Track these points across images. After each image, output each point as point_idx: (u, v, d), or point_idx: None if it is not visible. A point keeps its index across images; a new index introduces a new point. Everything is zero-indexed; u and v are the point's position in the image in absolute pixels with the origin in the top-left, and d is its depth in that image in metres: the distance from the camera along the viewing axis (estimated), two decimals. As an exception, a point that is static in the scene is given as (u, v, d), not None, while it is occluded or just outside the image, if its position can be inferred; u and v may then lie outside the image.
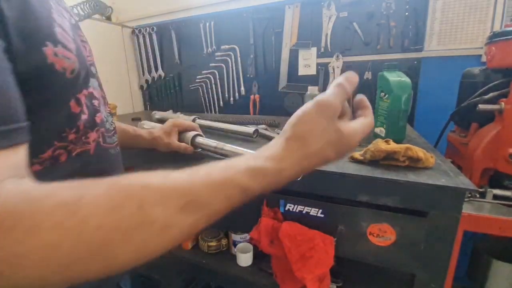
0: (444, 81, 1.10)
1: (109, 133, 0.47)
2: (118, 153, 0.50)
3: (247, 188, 0.28)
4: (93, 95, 0.43)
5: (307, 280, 0.58)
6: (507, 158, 0.68)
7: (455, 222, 0.51)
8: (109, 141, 0.46)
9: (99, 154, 0.43)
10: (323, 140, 0.31)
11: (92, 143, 0.41)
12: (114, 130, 0.50)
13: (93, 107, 0.42)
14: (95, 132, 0.42)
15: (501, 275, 0.80)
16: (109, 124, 0.49)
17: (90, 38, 0.50)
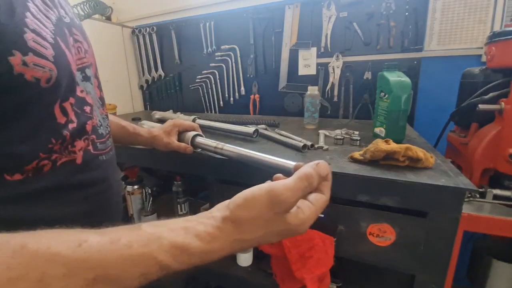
0: (444, 81, 1.10)
1: (102, 139, 0.45)
2: (111, 158, 0.48)
3: (167, 267, 0.26)
4: (84, 101, 0.41)
5: (307, 280, 0.58)
6: (507, 158, 0.68)
7: (455, 222, 0.51)
8: (101, 148, 0.45)
9: (88, 163, 0.41)
10: (263, 230, 0.29)
11: (79, 152, 0.39)
12: (108, 134, 0.48)
13: (84, 114, 0.40)
14: (83, 140, 0.40)
15: (501, 275, 0.80)
16: (104, 129, 0.47)
17: (90, 38, 0.48)
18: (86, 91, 0.42)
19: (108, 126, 0.49)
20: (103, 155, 0.45)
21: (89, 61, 0.45)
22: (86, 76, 0.43)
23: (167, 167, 0.81)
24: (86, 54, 0.44)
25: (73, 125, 0.38)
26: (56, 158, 0.36)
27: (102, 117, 0.47)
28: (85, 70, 0.43)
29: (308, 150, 0.72)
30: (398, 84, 0.73)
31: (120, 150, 0.86)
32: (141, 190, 1.07)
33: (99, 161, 0.44)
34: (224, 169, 0.71)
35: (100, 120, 0.46)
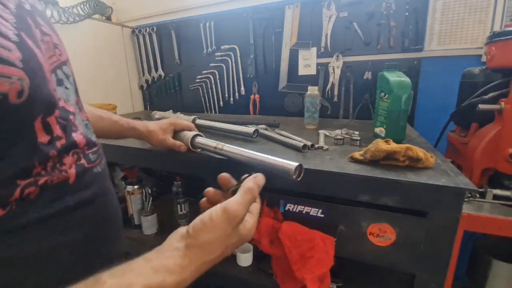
0: (444, 81, 1.10)
1: (94, 147, 0.40)
2: (104, 167, 0.43)
3: None
4: (66, 110, 0.34)
5: (307, 280, 0.58)
6: (507, 158, 0.68)
7: (455, 222, 0.51)
8: (93, 158, 0.39)
9: (83, 179, 0.36)
10: (224, 246, 0.33)
11: (71, 169, 0.34)
12: (94, 144, 0.41)
13: (70, 126, 0.34)
14: (72, 155, 0.34)
15: (501, 275, 0.80)
16: (92, 136, 0.41)
17: (90, 38, 0.46)
18: (64, 98, 0.35)
19: (93, 134, 0.43)
20: (97, 166, 0.40)
21: (63, 57, 0.37)
22: (60, 79, 0.35)
23: (167, 168, 0.81)
24: (57, 50, 0.35)
25: (61, 142, 0.32)
26: (45, 182, 0.30)
27: (85, 124, 0.41)
28: (58, 71, 0.35)
29: (308, 150, 0.72)
30: (398, 84, 0.73)
31: (120, 150, 0.86)
32: (141, 190, 1.07)
33: (94, 174, 0.38)
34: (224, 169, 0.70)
35: (84, 128, 0.39)
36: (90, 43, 1.41)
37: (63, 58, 0.37)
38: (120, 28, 1.59)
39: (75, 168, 0.35)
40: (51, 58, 0.34)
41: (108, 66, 1.54)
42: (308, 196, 0.63)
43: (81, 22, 1.32)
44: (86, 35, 1.38)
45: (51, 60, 0.34)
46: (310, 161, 0.63)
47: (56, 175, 0.32)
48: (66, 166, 0.33)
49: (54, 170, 0.31)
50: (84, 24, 1.34)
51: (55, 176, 0.31)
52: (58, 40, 0.37)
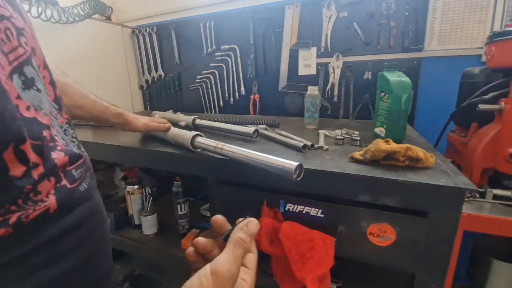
0: (444, 81, 1.10)
1: (78, 160, 0.33)
2: (90, 184, 0.36)
3: None
4: (39, 124, 0.27)
5: (307, 280, 0.58)
6: (507, 158, 0.68)
7: (455, 222, 0.51)
8: (77, 175, 0.32)
9: (67, 203, 0.30)
10: None
11: (48, 197, 0.27)
12: (78, 156, 0.34)
13: (46, 144, 0.28)
14: (48, 180, 0.28)
15: (501, 275, 0.80)
16: (74, 144, 0.35)
17: (90, 38, 0.44)
18: (35, 105, 0.27)
19: (74, 136, 0.37)
20: (83, 183, 0.34)
21: (28, 48, 0.28)
22: (29, 80, 0.27)
23: (167, 168, 0.81)
24: (22, 37, 0.27)
25: (38, 170, 0.26)
26: (18, 219, 0.25)
27: (64, 129, 0.34)
28: (27, 68, 0.27)
29: (308, 150, 0.72)
30: (398, 84, 0.73)
31: (120, 150, 0.86)
32: (141, 190, 1.07)
33: (79, 194, 0.32)
34: (224, 170, 0.71)
35: (64, 137, 0.33)
36: (90, 43, 1.41)
37: (29, 48, 0.28)
38: (120, 28, 1.59)
39: (55, 193, 0.28)
40: (14, 53, 0.26)
41: (108, 66, 1.54)
42: (308, 196, 0.64)
43: (81, 22, 1.32)
44: (86, 35, 1.38)
45: (14, 55, 0.26)
46: (310, 161, 0.63)
47: (31, 208, 0.26)
48: (42, 195, 0.27)
49: (27, 202, 0.25)
50: (84, 24, 1.34)
51: (30, 210, 0.26)
52: (23, 22, 0.27)
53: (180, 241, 0.96)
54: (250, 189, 0.70)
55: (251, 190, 0.70)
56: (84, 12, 1.35)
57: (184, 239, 0.97)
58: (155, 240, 1.04)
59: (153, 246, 1.01)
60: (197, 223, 1.06)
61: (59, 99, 0.34)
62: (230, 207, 0.75)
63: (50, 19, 1.16)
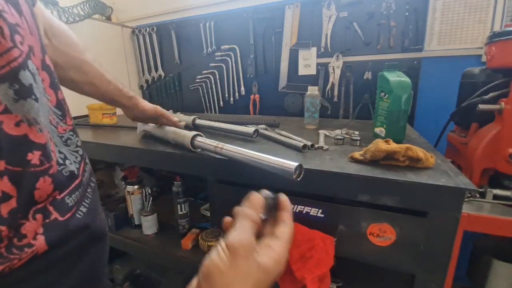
0: (444, 81, 1.10)
1: (74, 181, 0.29)
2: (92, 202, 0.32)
3: None
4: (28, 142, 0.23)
5: (307, 280, 0.58)
6: (507, 158, 0.68)
7: (455, 222, 0.51)
8: (71, 202, 0.28)
9: (60, 239, 0.26)
10: (249, 285, 0.26)
11: (36, 240, 0.23)
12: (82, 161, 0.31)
13: (29, 171, 0.23)
14: (32, 217, 0.23)
15: (501, 275, 0.80)
16: (73, 159, 0.30)
17: (90, 38, 0.45)
18: (29, 120, 0.23)
19: (79, 145, 0.32)
20: (81, 207, 0.30)
21: (24, 49, 0.23)
22: (26, 86, 0.22)
23: (167, 168, 0.81)
24: (16, 36, 0.22)
25: (9, 205, 0.21)
26: (3, 270, 0.22)
27: (66, 138, 0.30)
28: (23, 73, 0.22)
29: (308, 150, 0.72)
30: (398, 84, 0.73)
31: (120, 150, 0.86)
32: (141, 190, 1.07)
33: (78, 222, 0.29)
34: (224, 169, 0.71)
35: (62, 151, 0.28)
36: (90, 43, 1.41)
37: (26, 48, 0.23)
38: (120, 28, 1.59)
39: (44, 232, 0.24)
40: (6, 56, 0.21)
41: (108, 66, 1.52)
42: (308, 196, 0.63)
43: (81, 22, 1.32)
44: (86, 35, 1.38)
45: (5, 59, 0.21)
46: (310, 161, 0.63)
47: (16, 257, 0.22)
48: (29, 238, 0.23)
49: (11, 250, 0.22)
50: (84, 24, 1.34)
51: (15, 260, 0.22)
52: (18, 16, 0.23)
53: (180, 241, 0.96)
54: (250, 189, 0.69)
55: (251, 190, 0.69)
56: (84, 12, 1.35)
57: (184, 239, 0.97)
58: (155, 240, 1.04)
59: (153, 246, 1.01)
60: (197, 223, 1.06)
61: (62, 103, 0.30)
62: (230, 207, 0.74)
63: None
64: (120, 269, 1.32)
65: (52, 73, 0.29)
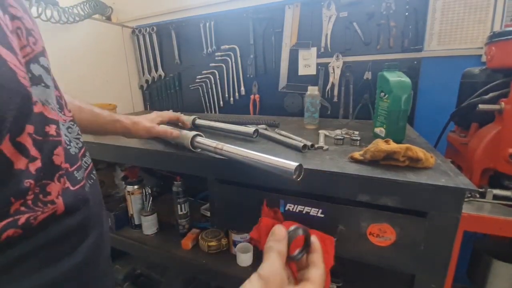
0: (444, 81, 1.10)
1: (77, 163, 0.33)
2: (92, 186, 0.36)
3: None
4: (44, 119, 0.27)
5: (307, 280, 0.58)
6: (507, 158, 0.68)
7: (455, 222, 0.51)
8: (79, 176, 0.32)
9: (72, 206, 0.30)
10: None
11: (58, 198, 0.28)
12: (82, 148, 0.36)
13: (48, 140, 0.27)
14: (57, 180, 0.28)
15: (501, 275, 0.80)
16: (75, 143, 0.34)
17: (90, 38, 0.44)
18: (42, 100, 0.27)
19: (79, 132, 0.37)
20: (87, 183, 0.34)
21: (39, 46, 0.28)
22: (37, 76, 0.27)
23: (167, 168, 0.81)
24: (31, 37, 0.27)
25: (36, 165, 0.25)
26: (26, 220, 0.25)
27: (67, 127, 0.34)
28: (34, 65, 0.27)
29: (308, 150, 0.72)
30: (398, 84, 0.73)
31: (120, 150, 0.86)
32: (141, 190, 1.07)
33: (84, 195, 0.33)
34: (224, 169, 0.71)
35: (67, 134, 0.33)
36: (90, 43, 1.41)
37: (39, 48, 0.28)
38: (120, 28, 1.59)
39: (62, 195, 0.28)
40: (24, 49, 0.26)
41: (108, 66, 1.54)
42: (308, 196, 0.63)
43: (81, 22, 1.32)
44: (86, 35, 1.38)
45: (24, 52, 0.26)
46: (310, 161, 0.63)
47: (40, 210, 0.26)
48: (52, 196, 0.27)
49: (37, 203, 0.25)
50: (84, 24, 1.34)
51: (39, 212, 0.26)
52: (32, 23, 0.28)
53: (180, 241, 0.97)
54: (250, 189, 0.70)
55: (251, 190, 0.69)
56: (84, 12, 1.35)
57: (184, 239, 0.97)
58: (155, 240, 1.04)
59: (153, 246, 1.01)
60: (197, 223, 1.06)
61: (59, 98, 0.34)
62: (230, 207, 0.75)
63: (50, 19, 1.16)
64: (120, 269, 1.32)
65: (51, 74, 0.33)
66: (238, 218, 0.75)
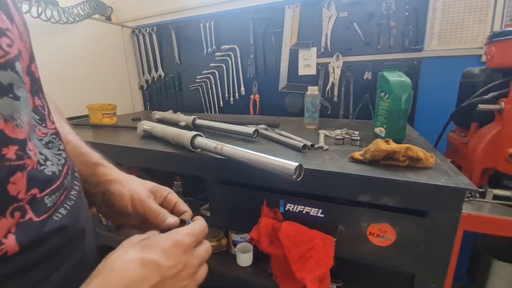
0: (444, 81, 1.10)
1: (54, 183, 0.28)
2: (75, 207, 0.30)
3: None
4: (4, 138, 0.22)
5: (307, 280, 0.58)
6: (507, 158, 0.68)
7: (455, 222, 0.51)
8: (50, 202, 0.27)
9: (32, 242, 0.25)
10: None
11: (6, 238, 0.22)
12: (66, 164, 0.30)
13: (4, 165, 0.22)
14: (9, 215, 0.23)
15: (501, 275, 0.80)
16: (54, 160, 0.29)
17: (90, 38, 0.39)
18: (5, 116, 0.23)
19: (62, 148, 0.31)
20: (66, 204, 0.29)
21: (13, 51, 0.24)
22: (3, 86, 0.23)
23: (167, 168, 0.81)
24: (4, 38, 0.23)
25: None
26: None
27: (47, 141, 0.29)
28: (1, 73, 0.23)
29: (308, 150, 0.72)
30: (398, 84, 0.73)
31: (120, 150, 0.86)
32: (141, 190, 1.07)
33: (54, 224, 0.27)
34: (224, 169, 0.71)
35: (44, 152, 0.28)
36: (90, 43, 1.41)
37: (14, 51, 0.24)
38: (120, 28, 1.59)
39: (16, 232, 0.23)
40: None
41: (108, 66, 1.54)
42: (308, 196, 0.63)
43: (81, 22, 1.32)
44: (86, 35, 1.39)
45: None
46: (310, 161, 0.63)
47: None
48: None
49: None
50: (84, 24, 1.34)
51: None
52: (8, 22, 0.24)
53: (180, 241, 0.96)
54: (250, 189, 0.70)
55: (251, 190, 0.69)
56: (84, 12, 1.35)
57: (184, 239, 0.96)
58: (155, 240, 1.04)
59: (153, 246, 1.01)
60: (197, 223, 1.06)
61: (40, 108, 0.29)
62: (230, 207, 0.75)
63: (50, 19, 1.16)
64: (120, 269, 1.32)
65: (35, 80, 0.29)
66: (238, 218, 0.75)
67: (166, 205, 0.42)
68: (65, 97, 1.31)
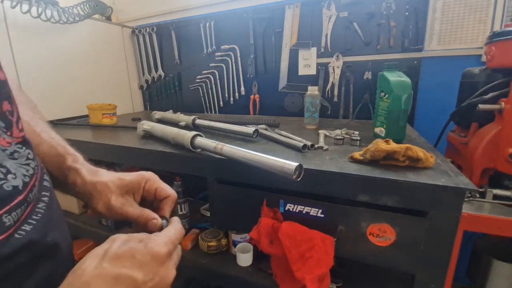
0: (444, 81, 1.10)
1: (16, 198, 0.25)
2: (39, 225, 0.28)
3: None
4: None
5: (307, 280, 0.58)
6: (507, 158, 0.68)
7: (455, 222, 0.51)
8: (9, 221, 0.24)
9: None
10: None
11: None
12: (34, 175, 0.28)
13: None
14: None
15: (501, 275, 0.80)
16: (24, 172, 0.27)
17: (90, 38, 0.40)
18: None
19: (31, 157, 0.29)
20: (31, 219, 0.27)
21: None
22: None
23: (167, 168, 0.81)
24: None
25: None
26: None
27: (12, 151, 0.27)
28: None
29: (308, 150, 0.72)
30: (398, 84, 0.73)
31: (120, 150, 0.86)
32: (141, 190, 1.07)
33: (16, 242, 0.25)
34: (224, 169, 0.71)
35: (6, 164, 0.25)
36: (90, 43, 1.41)
37: None
38: (120, 28, 1.59)
39: None
40: None
41: (108, 66, 1.54)
42: (308, 196, 0.63)
43: (81, 22, 1.32)
44: (86, 35, 1.39)
45: None
46: (310, 161, 0.63)
47: None
48: None
49: None
50: (84, 24, 1.34)
51: None
52: None
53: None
54: (250, 189, 0.70)
55: (251, 190, 0.69)
56: (84, 12, 1.35)
57: (183, 239, 0.96)
58: (155, 240, 1.04)
59: (153, 246, 1.01)
60: (197, 223, 1.06)
61: (7, 114, 0.27)
62: (230, 207, 0.75)
63: (50, 19, 1.16)
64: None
65: (1, 83, 0.27)
66: (238, 218, 0.75)
67: (148, 195, 0.41)
68: (65, 97, 1.31)
